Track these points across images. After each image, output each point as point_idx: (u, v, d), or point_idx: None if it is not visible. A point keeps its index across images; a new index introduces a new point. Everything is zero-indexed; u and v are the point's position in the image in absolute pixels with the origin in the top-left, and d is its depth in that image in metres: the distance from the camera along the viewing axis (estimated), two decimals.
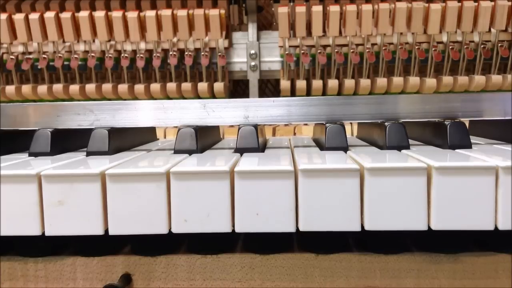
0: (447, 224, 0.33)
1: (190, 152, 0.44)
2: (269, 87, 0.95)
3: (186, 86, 0.78)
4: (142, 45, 0.78)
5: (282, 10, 0.73)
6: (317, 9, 0.73)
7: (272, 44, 0.83)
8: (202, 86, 0.78)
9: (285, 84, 0.79)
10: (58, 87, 0.79)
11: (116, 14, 0.75)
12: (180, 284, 0.39)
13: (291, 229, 0.34)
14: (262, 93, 0.94)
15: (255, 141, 0.44)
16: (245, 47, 0.83)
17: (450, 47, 0.73)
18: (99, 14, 0.75)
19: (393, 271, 0.38)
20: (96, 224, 0.34)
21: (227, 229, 0.34)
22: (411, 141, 0.46)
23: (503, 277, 0.38)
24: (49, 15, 0.75)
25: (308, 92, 0.80)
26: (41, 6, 0.81)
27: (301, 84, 0.78)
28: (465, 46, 0.74)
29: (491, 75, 0.74)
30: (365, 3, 0.73)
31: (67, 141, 0.49)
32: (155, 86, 0.79)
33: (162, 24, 0.75)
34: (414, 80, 0.75)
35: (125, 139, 0.50)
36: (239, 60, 0.84)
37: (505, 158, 0.34)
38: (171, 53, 0.77)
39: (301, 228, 0.34)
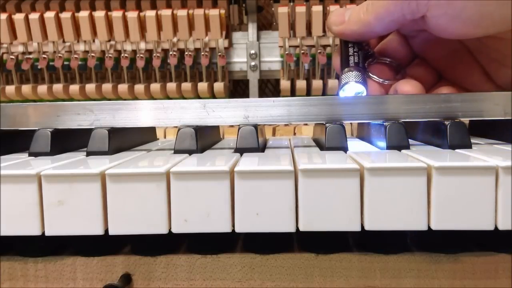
0: (447, 224, 0.33)
1: (190, 152, 0.44)
2: (269, 87, 0.95)
3: (186, 86, 0.78)
4: (142, 45, 0.78)
5: (282, 10, 0.73)
6: (317, 9, 0.73)
7: (272, 44, 0.83)
8: (202, 86, 0.78)
9: (285, 84, 0.79)
10: (58, 87, 0.79)
11: (116, 14, 0.75)
12: (180, 284, 0.39)
13: (291, 229, 0.34)
14: (262, 93, 0.94)
15: (255, 141, 0.44)
16: (245, 47, 0.83)
17: None
18: (99, 14, 0.75)
19: (393, 271, 0.38)
20: (96, 224, 0.34)
21: (227, 229, 0.34)
22: (411, 141, 0.46)
23: (503, 277, 0.38)
24: (49, 15, 0.75)
25: (308, 92, 0.80)
26: (41, 6, 0.81)
27: (301, 84, 0.78)
28: None
29: None
30: None
31: (67, 141, 0.49)
32: (155, 86, 0.79)
33: (162, 24, 0.75)
34: None
35: (125, 139, 0.50)
36: (239, 60, 0.84)
37: (505, 158, 0.34)
38: (171, 53, 0.77)
39: (301, 228, 0.34)
